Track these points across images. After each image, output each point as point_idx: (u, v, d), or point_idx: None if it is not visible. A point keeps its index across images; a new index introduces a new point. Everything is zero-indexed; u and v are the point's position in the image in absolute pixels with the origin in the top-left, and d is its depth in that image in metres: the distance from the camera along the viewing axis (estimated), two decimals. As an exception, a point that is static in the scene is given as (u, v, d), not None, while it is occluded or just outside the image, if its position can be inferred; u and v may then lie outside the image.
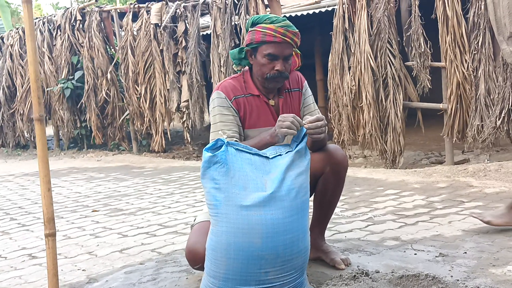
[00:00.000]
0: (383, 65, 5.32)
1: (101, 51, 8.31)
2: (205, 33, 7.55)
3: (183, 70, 7.43)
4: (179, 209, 3.98)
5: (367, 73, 5.35)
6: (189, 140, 7.69)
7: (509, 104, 4.65)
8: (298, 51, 2.45)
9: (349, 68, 5.61)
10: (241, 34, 6.61)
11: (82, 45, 8.50)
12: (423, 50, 5.12)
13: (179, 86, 7.50)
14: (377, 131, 5.40)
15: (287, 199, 1.94)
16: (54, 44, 8.97)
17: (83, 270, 2.66)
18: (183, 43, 7.37)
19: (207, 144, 2.00)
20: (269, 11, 6.46)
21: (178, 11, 7.36)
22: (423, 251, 2.54)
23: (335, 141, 5.78)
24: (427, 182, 4.33)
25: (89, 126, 8.76)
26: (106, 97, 8.36)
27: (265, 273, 1.90)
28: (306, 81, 2.46)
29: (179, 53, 7.46)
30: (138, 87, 7.89)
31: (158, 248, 2.95)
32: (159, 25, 7.51)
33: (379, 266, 2.34)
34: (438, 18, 5.02)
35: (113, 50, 8.69)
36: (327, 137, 2.33)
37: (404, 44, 5.36)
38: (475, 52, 4.85)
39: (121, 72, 8.07)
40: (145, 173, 6.13)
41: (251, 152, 2.00)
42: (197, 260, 2.09)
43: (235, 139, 2.20)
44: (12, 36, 9.69)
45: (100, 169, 6.75)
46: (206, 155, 1.94)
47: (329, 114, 5.87)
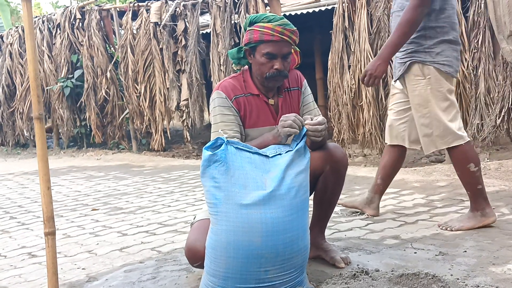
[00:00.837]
0: (383, 64, 5.30)
1: (101, 49, 8.30)
2: (204, 32, 7.55)
3: (183, 68, 7.42)
4: (179, 207, 3.98)
5: (367, 71, 5.34)
6: (189, 139, 7.69)
7: (509, 102, 4.65)
8: (297, 49, 2.44)
9: (349, 67, 5.61)
10: (240, 33, 6.59)
11: (81, 43, 8.48)
12: (423, 48, 5.11)
13: (179, 85, 7.50)
14: (377, 129, 5.40)
15: (287, 197, 1.94)
16: (53, 42, 8.95)
17: (83, 268, 2.66)
18: (183, 42, 7.37)
19: (207, 143, 2.00)
20: (268, 10, 6.45)
21: (177, 9, 7.35)
22: (423, 249, 2.54)
23: (335, 140, 5.78)
24: (427, 180, 4.33)
25: (88, 125, 8.75)
26: (105, 96, 8.35)
27: (265, 271, 1.90)
28: (305, 80, 2.46)
29: (179, 52, 7.45)
30: (137, 85, 7.88)
31: (158, 246, 2.95)
32: (159, 23, 7.50)
33: (379, 264, 2.34)
34: (438, 16, 5.02)
35: (112, 48, 8.67)
36: (327, 136, 2.32)
37: (404, 42, 5.35)
38: (475, 50, 4.85)
39: (120, 71, 8.06)
40: (145, 172, 6.12)
41: (251, 151, 2.00)
42: (196, 258, 2.09)
43: (236, 139, 2.20)
44: (11, 34, 9.68)
45: (99, 168, 6.74)
46: (206, 153, 1.94)
47: (329, 113, 5.87)
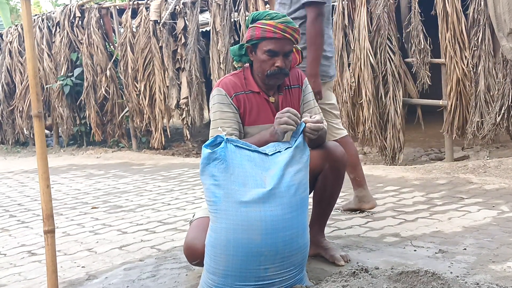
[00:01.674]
0: (382, 62, 5.31)
1: (100, 48, 8.29)
2: (204, 30, 7.55)
3: (183, 67, 7.42)
4: (179, 206, 3.98)
5: (367, 69, 5.34)
6: (189, 137, 7.69)
7: (509, 100, 4.64)
8: (298, 48, 2.44)
9: (349, 64, 5.60)
10: (240, 30, 6.60)
11: (81, 42, 8.48)
12: (422, 46, 5.11)
13: (179, 83, 7.49)
14: (377, 127, 5.39)
15: (287, 195, 1.93)
16: (53, 41, 8.95)
17: (83, 266, 2.66)
18: (183, 40, 7.36)
19: (206, 141, 1.99)
20: (268, 8, 6.45)
21: (177, 7, 7.35)
22: (423, 247, 2.54)
23: (335, 138, 5.77)
24: (426, 178, 4.32)
25: (88, 123, 8.75)
26: (105, 94, 8.35)
27: (265, 269, 1.90)
28: (306, 78, 2.46)
29: (179, 50, 7.45)
30: (137, 84, 7.88)
31: (157, 245, 2.95)
32: (158, 21, 7.50)
33: (378, 262, 2.34)
34: (437, 14, 5.01)
35: (112, 47, 8.67)
36: (326, 134, 2.32)
37: (403, 40, 5.36)
38: (475, 48, 4.84)
39: (120, 69, 8.05)
40: (145, 170, 6.12)
41: (250, 148, 2.00)
42: (195, 256, 2.09)
43: (235, 136, 2.19)
44: (11, 33, 9.68)
45: (99, 166, 6.74)
46: (205, 151, 1.94)
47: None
